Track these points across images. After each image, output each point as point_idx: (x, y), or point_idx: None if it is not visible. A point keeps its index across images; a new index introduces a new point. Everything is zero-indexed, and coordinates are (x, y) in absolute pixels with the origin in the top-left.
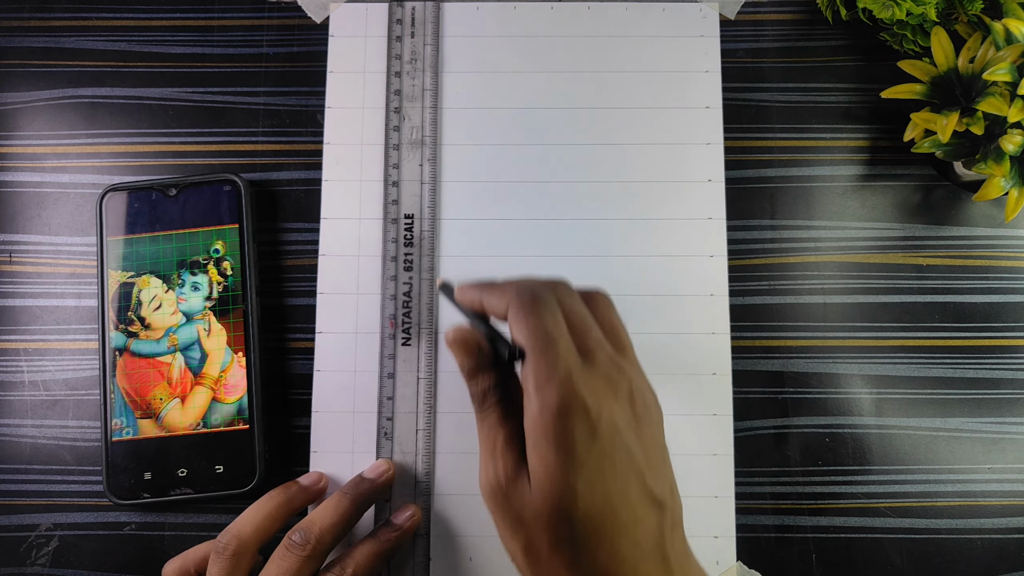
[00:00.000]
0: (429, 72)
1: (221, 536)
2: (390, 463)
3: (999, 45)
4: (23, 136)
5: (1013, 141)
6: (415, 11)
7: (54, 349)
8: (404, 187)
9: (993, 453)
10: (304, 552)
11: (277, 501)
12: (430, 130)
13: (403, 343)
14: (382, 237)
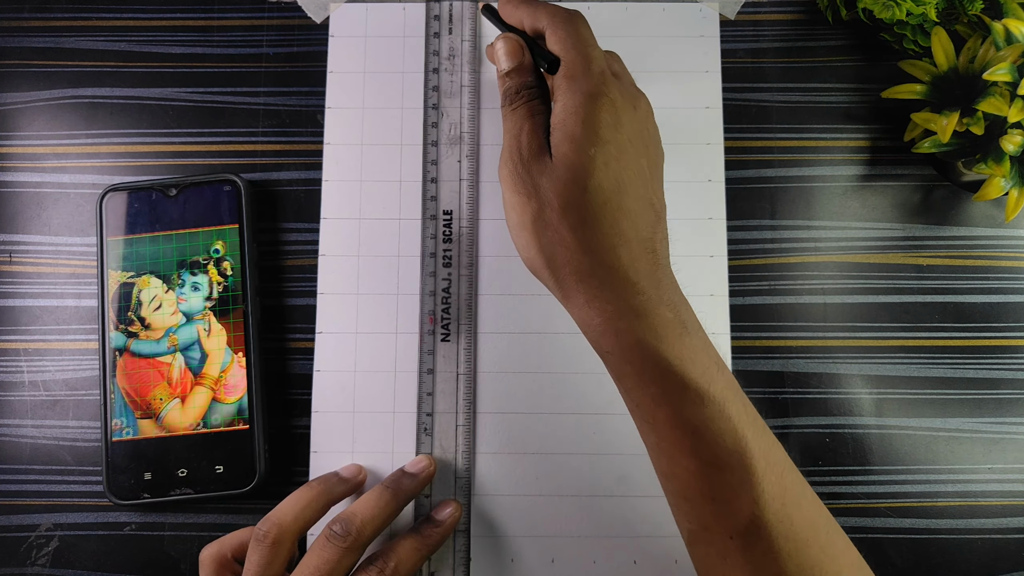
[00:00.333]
0: (467, 69)
1: (261, 524)
2: (431, 459)
3: (999, 45)
4: (23, 136)
5: (1013, 141)
6: (452, 8)
7: (54, 349)
8: (443, 184)
9: (993, 453)
10: (345, 543)
11: (317, 491)
12: (468, 126)
13: (443, 339)
14: (420, 233)
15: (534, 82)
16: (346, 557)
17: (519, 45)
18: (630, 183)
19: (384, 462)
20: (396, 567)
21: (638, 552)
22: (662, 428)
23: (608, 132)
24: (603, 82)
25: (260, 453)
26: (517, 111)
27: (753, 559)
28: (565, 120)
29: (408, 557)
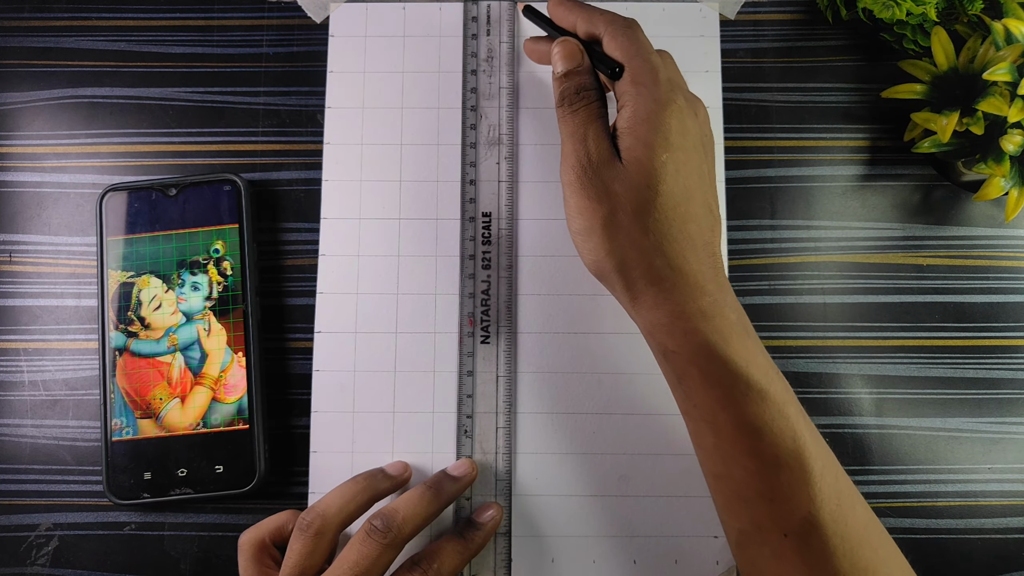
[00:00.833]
0: (506, 70)
1: (306, 514)
2: (474, 464)
3: (999, 45)
4: (23, 136)
5: (1013, 141)
6: (490, 9)
7: (54, 349)
8: (481, 185)
9: (993, 453)
10: (385, 540)
11: (362, 486)
12: (507, 128)
13: (482, 341)
14: (459, 235)
15: (592, 83)
16: (385, 553)
17: (578, 48)
18: (695, 188)
19: (385, 462)
20: (439, 569)
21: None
22: (723, 428)
23: (677, 138)
24: (671, 89)
25: (260, 453)
26: (578, 114)
27: (808, 558)
28: (636, 126)
29: (450, 559)
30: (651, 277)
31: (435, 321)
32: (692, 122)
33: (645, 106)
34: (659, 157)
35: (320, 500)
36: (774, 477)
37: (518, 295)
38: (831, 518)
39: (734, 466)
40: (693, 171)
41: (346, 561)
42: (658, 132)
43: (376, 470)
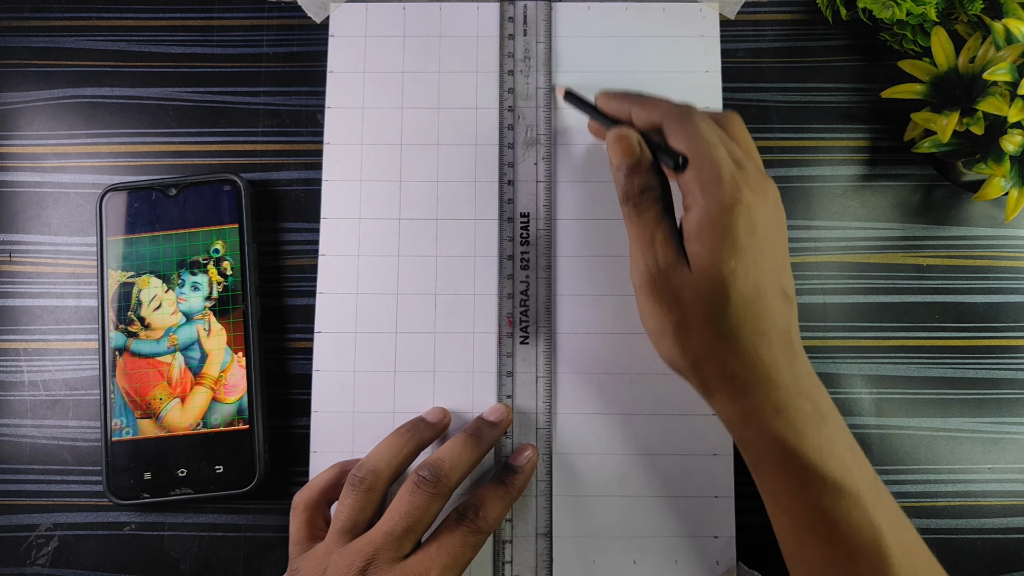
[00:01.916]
0: (543, 70)
1: (357, 470)
2: (508, 408)
3: (999, 45)
4: (23, 136)
5: (1013, 141)
6: (527, 9)
7: (54, 349)
8: (519, 186)
9: (993, 453)
10: (434, 489)
11: (406, 438)
12: (544, 128)
13: (521, 341)
14: (498, 236)
15: (655, 181)
16: (435, 502)
17: (636, 140)
18: (767, 281)
19: None
20: (485, 517)
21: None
22: (798, 516)
23: (746, 239)
24: (736, 187)
25: (260, 453)
26: (644, 216)
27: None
28: (701, 232)
29: (495, 507)
30: (724, 376)
31: (435, 321)
32: (761, 213)
33: (710, 210)
34: (727, 264)
35: (369, 455)
36: (851, 567)
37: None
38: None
39: (809, 551)
40: (765, 265)
41: (397, 512)
42: (725, 238)
43: (417, 419)
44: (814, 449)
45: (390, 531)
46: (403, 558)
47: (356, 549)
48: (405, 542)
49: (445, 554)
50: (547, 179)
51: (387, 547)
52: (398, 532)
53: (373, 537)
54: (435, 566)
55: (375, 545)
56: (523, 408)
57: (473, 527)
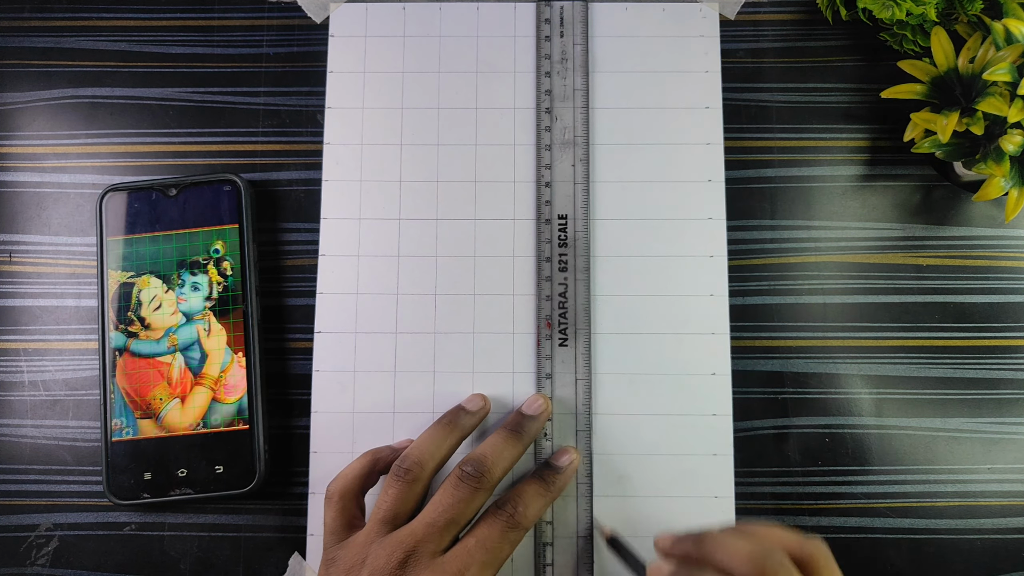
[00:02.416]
0: (579, 72)
1: (401, 461)
2: (546, 398)
3: (999, 45)
4: (23, 136)
5: (1013, 141)
6: (563, 10)
7: (54, 349)
8: (556, 187)
9: (993, 453)
10: (478, 484)
11: (449, 429)
12: (581, 130)
13: (560, 344)
14: (535, 238)
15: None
16: (477, 497)
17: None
18: None
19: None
20: (524, 512)
21: None
22: None
23: None
24: None
25: (260, 453)
26: None
27: None
28: None
29: (534, 503)
30: None
31: (435, 321)
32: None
33: None
34: None
35: (413, 447)
36: None
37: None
38: None
39: None
40: None
41: (440, 505)
42: None
43: (457, 409)
44: None
45: (432, 523)
46: (443, 551)
47: (397, 540)
48: (446, 535)
49: (483, 549)
50: (584, 180)
51: (428, 539)
52: (440, 525)
53: (415, 528)
54: (474, 562)
55: (416, 537)
56: (562, 410)
57: (511, 522)
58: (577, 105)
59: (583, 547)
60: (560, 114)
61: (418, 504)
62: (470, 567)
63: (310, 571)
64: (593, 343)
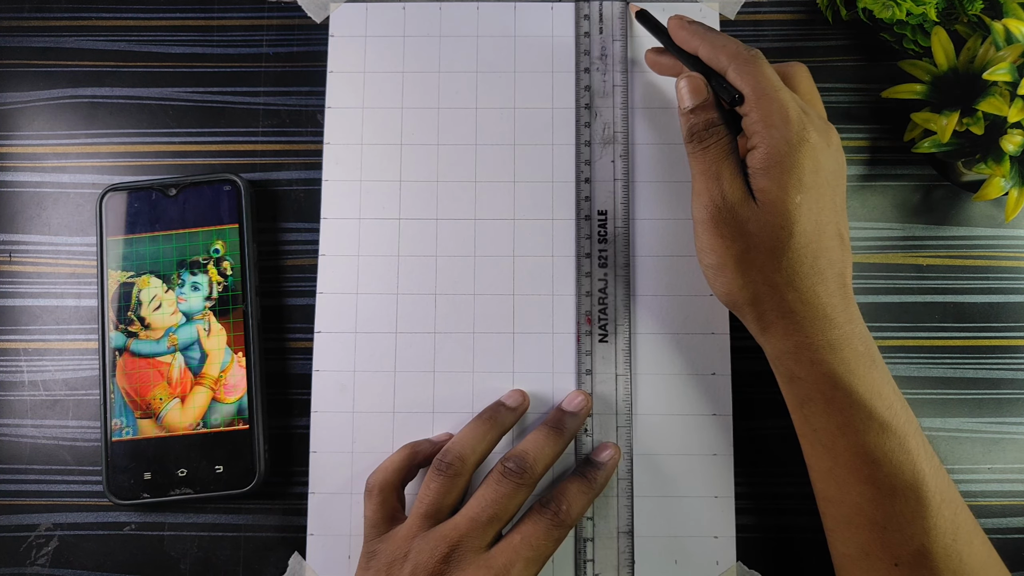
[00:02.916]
0: (619, 68)
1: (444, 455)
2: (587, 395)
3: (999, 45)
4: (23, 136)
5: (1013, 141)
6: (603, 8)
7: (54, 349)
8: (597, 184)
9: (993, 453)
10: (520, 480)
11: (490, 424)
12: (621, 126)
13: (600, 340)
14: (575, 234)
15: (720, 119)
16: (520, 493)
17: (702, 82)
18: (827, 222)
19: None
20: (568, 511)
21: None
22: (841, 455)
23: (810, 177)
24: (802, 127)
25: (260, 453)
26: (709, 151)
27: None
28: (769, 168)
29: (577, 500)
30: (782, 310)
31: (435, 321)
32: (824, 155)
33: (777, 147)
34: (793, 199)
35: (454, 441)
36: (889, 506)
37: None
38: (945, 552)
39: (848, 492)
40: (826, 205)
41: (484, 500)
42: (791, 174)
43: (497, 404)
44: (865, 388)
45: (475, 518)
46: (486, 547)
47: (441, 535)
48: (489, 530)
49: (528, 546)
50: (624, 176)
51: (472, 534)
52: (483, 520)
53: (458, 523)
54: (519, 558)
55: (460, 531)
56: (603, 406)
57: (556, 520)
58: (617, 101)
59: (624, 544)
60: (600, 110)
61: (460, 498)
62: (516, 563)
63: (310, 571)
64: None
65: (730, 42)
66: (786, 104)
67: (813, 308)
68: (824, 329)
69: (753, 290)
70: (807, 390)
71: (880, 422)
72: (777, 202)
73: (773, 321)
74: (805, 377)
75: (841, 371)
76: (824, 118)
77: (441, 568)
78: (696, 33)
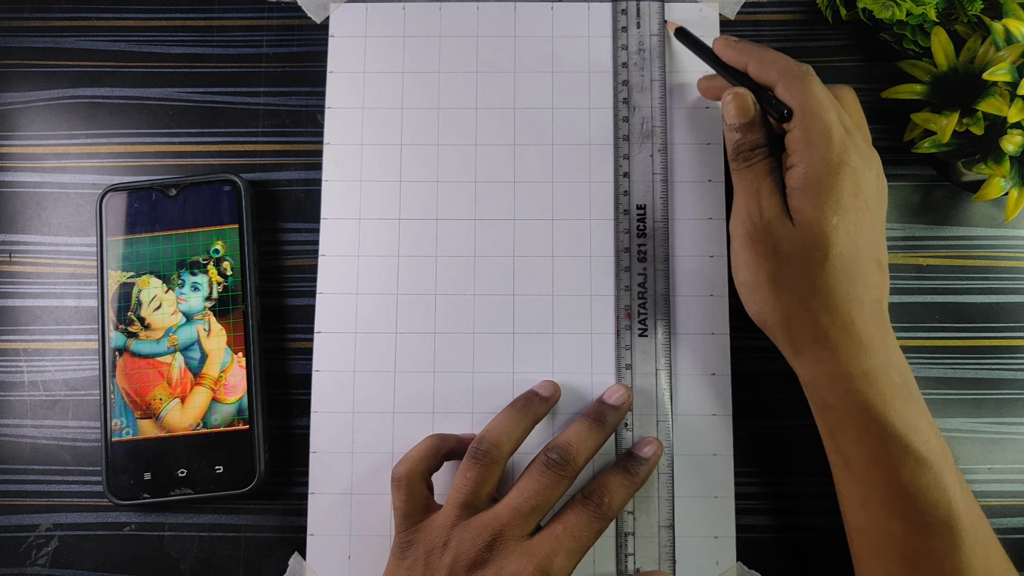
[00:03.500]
0: (656, 63)
1: (479, 443)
2: (628, 388)
3: (999, 45)
4: (23, 136)
5: (1013, 141)
6: (639, 6)
7: (54, 349)
8: (635, 178)
9: (993, 453)
10: (563, 471)
11: (523, 413)
12: (659, 120)
13: (640, 334)
14: (614, 229)
15: (765, 139)
16: (561, 484)
17: (750, 99)
18: (864, 246)
19: (385, 462)
20: (610, 504)
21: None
22: (873, 487)
23: (849, 200)
24: (844, 149)
25: (260, 453)
26: (752, 169)
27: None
28: (807, 188)
29: (619, 493)
30: (815, 335)
31: (435, 321)
32: (865, 179)
33: (816, 168)
34: (830, 221)
35: (489, 430)
36: (921, 542)
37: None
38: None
39: (879, 524)
40: (864, 229)
41: (526, 490)
42: (829, 195)
43: (530, 393)
44: (901, 421)
45: (518, 508)
46: (527, 537)
47: (482, 524)
48: (531, 520)
49: (571, 537)
50: (663, 171)
51: (514, 524)
52: (525, 510)
53: (500, 512)
54: (562, 548)
55: (502, 521)
56: (643, 401)
57: (599, 512)
58: (655, 96)
59: (665, 538)
60: (638, 104)
61: (495, 487)
62: (558, 553)
63: (310, 571)
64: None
65: (780, 58)
66: (829, 124)
67: (848, 334)
68: (859, 357)
69: (785, 311)
70: (840, 419)
71: (916, 457)
72: (813, 222)
73: (806, 345)
74: (838, 406)
75: (876, 402)
76: (869, 142)
77: (484, 556)
78: (744, 50)
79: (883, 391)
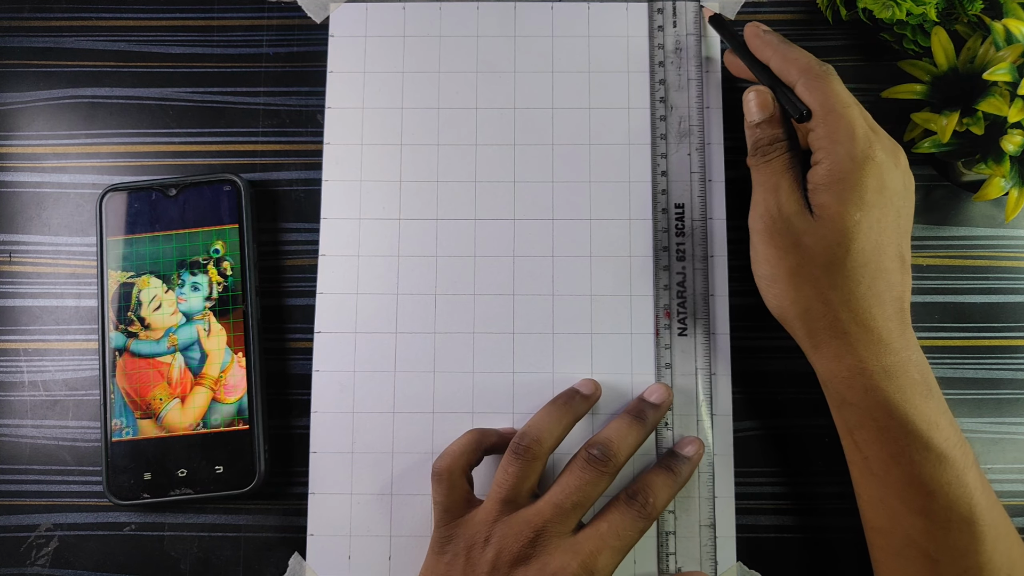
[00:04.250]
0: (693, 62)
1: (521, 438)
2: (668, 387)
3: (999, 45)
4: (23, 136)
5: (1013, 141)
6: (676, 6)
7: (54, 349)
8: (673, 177)
9: (993, 453)
10: (605, 468)
11: (563, 410)
12: (697, 119)
13: (679, 333)
14: (652, 228)
15: (784, 134)
16: (603, 480)
17: (770, 97)
18: (887, 243)
19: (385, 462)
20: (654, 503)
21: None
22: (893, 485)
23: (873, 196)
24: (869, 145)
25: (260, 453)
26: (772, 164)
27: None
28: (831, 184)
29: (662, 492)
30: (835, 330)
31: (435, 321)
32: (891, 175)
33: (841, 164)
34: (852, 216)
35: (530, 426)
36: (942, 539)
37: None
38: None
39: (899, 523)
40: (888, 225)
41: (568, 486)
42: (854, 191)
43: (572, 391)
44: (921, 418)
45: (560, 504)
46: (570, 533)
47: (525, 519)
48: (573, 517)
49: (615, 535)
50: (700, 170)
51: (556, 520)
52: (567, 506)
53: (542, 508)
54: (606, 546)
55: (544, 517)
56: (683, 400)
57: (643, 512)
58: (692, 94)
59: (706, 537)
60: (676, 103)
61: (537, 483)
62: (602, 551)
63: (310, 571)
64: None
65: (802, 56)
66: (853, 121)
67: (868, 331)
68: (879, 354)
69: (805, 305)
70: (859, 416)
71: (938, 454)
72: (836, 217)
73: (825, 340)
74: (857, 403)
75: (897, 399)
76: (892, 139)
77: (527, 552)
78: (769, 44)
79: (903, 388)
